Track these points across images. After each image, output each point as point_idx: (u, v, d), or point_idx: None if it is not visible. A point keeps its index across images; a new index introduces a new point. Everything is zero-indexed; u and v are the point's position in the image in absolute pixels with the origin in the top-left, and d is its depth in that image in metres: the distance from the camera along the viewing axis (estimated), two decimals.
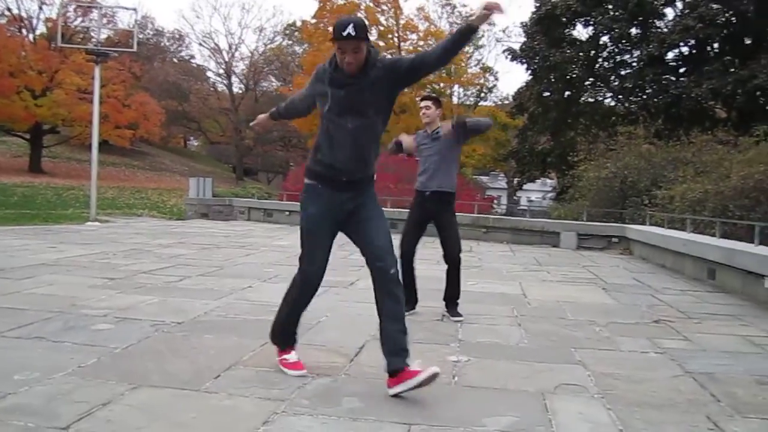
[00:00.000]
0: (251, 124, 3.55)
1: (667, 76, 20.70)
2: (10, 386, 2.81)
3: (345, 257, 8.84)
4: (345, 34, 2.80)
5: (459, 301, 4.98)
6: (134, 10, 16.77)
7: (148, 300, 4.93)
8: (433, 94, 5.06)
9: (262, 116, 3.68)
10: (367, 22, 3.04)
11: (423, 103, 4.98)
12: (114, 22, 28.18)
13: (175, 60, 52.08)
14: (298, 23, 44.09)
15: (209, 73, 53.17)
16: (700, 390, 3.31)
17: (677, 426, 2.78)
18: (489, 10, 2.87)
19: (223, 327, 4.18)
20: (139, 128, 34.42)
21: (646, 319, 5.19)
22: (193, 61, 53.18)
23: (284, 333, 3.36)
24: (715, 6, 18.97)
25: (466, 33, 2.96)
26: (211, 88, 53.18)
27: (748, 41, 20.43)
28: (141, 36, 41.19)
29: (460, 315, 4.86)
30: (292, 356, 3.30)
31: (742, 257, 6.46)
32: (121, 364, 3.26)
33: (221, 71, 51.33)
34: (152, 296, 5.09)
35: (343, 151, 3.06)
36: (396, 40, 30.93)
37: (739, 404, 3.10)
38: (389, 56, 3.24)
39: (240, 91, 51.70)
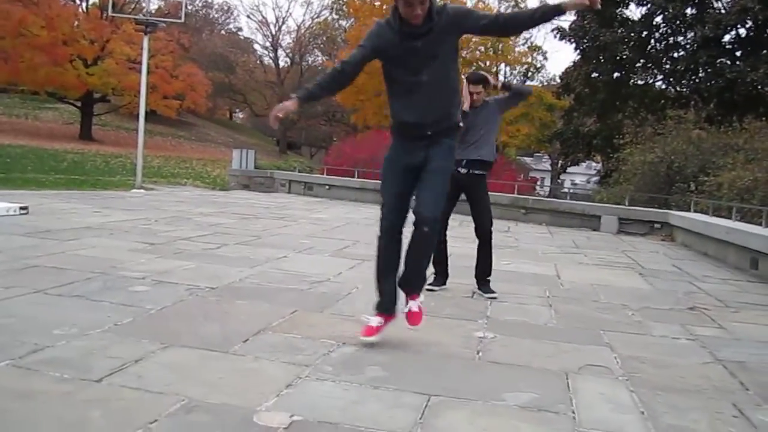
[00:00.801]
0: (272, 114, 3.02)
1: (722, 59, 19.98)
2: (49, 339, 2.94)
3: None
4: None
5: (490, 278, 4.97)
6: None
7: (185, 265, 5.06)
8: (482, 74, 4.98)
9: (286, 104, 3.07)
10: None
11: (474, 88, 4.82)
12: None
13: (223, 32, 52.57)
14: None
15: (256, 46, 53.63)
16: (729, 378, 3.26)
17: (701, 412, 2.75)
18: (583, 3, 2.92)
19: (255, 294, 4.27)
20: (186, 99, 34.97)
21: (681, 305, 5.11)
22: (240, 33, 53.72)
23: (378, 292, 3.36)
24: None
25: (551, 15, 3.04)
26: (258, 61, 53.62)
27: None
28: (190, 7, 41.76)
29: (494, 292, 4.84)
30: (372, 319, 3.32)
31: None
32: (154, 324, 3.37)
33: (268, 44, 51.74)
34: (189, 262, 5.23)
35: (422, 107, 3.12)
36: None
37: (767, 393, 3.04)
38: (446, 3, 3.20)
39: (286, 65, 51.99)
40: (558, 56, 52.74)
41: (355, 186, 15.34)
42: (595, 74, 22.96)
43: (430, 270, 4.60)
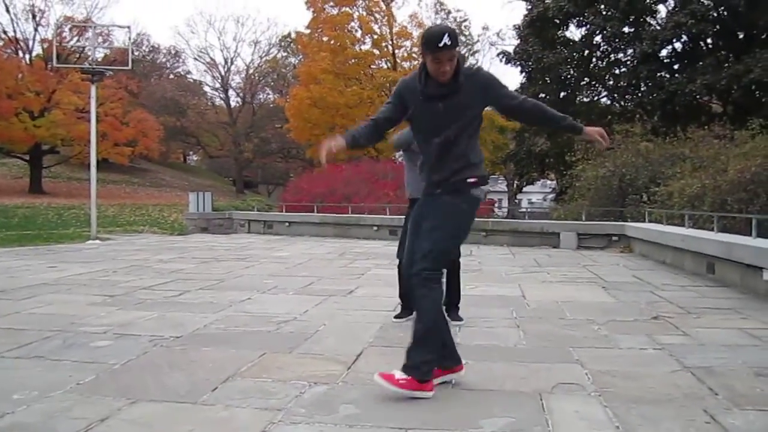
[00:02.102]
0: (323, 150, 3.00)
1: (662, 73, 20.75)
2: (8, 406, 2.82)
3: (345, 266, 8.91)
4: (442, 44, 2.84)
5: (459, 305, 4.99)
6: (128, 28, 16.90)
7: (147, 315, 4.95)
8: None
9: (335, 144, 3.06)
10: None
11: None
12: (109, 41, 28.43)
13: (171, 76, 52.31)
14: (293, 35, 44.25)
15: (206, 88, 53.47)
16: (697, 384, 3.31)
17: (674, 421, 2.78)
18: (597, 139, 3.14)
19: (221, 340, 4.19)
20: (138, 145, 34.60)
21: (645, 315, 5.19)
22: (189, 76, 53.48)
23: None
24: (706, 1, 19.02)
25: (571, 130, 3.21)
26: (209, 103, 53.42)
27: (740, 35, 20.48)
28: (137, 53, 41.38)
29: (461, 319, 4.86)
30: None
31: (741, 250, 6.47)
32: (119, 379, 3.27)
33: (218, 85, 51.65)
34: (151, 311, 5.11)
35: (437, 161, 3.12)
36: (390, 47, 31.03)
37: (736, 397, 3.10)
38: (481, 67, 3.25)
39: (237, 105, 51.92)
40: (504, 79, 53.66)
41: (315, 221, 15.31)
42: (542, 95, 23.51)
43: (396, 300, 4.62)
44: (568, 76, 22.46)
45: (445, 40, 2.84)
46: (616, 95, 22.67)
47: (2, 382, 3.19)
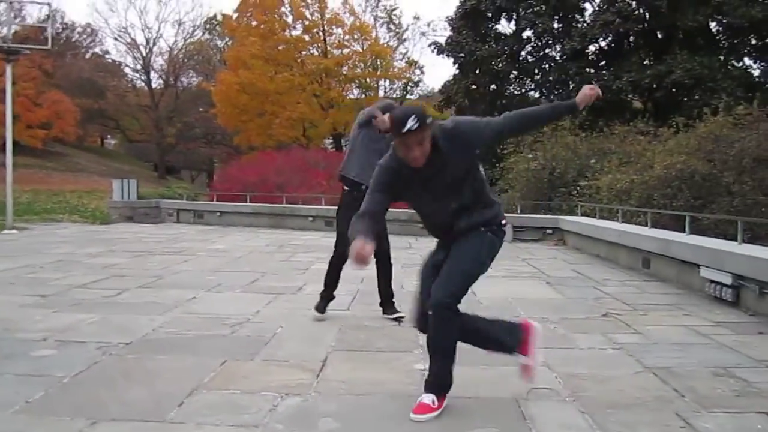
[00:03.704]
0: (359, 258, 2.58)
1: (589, 69, 21.40)
2: None
3: (286, 259, 8.71)
4: (406, 129, 2.57)
5: (394, 300, 4.93)
6: (48, 4, 15.88)
7: (88, 318, 4.63)
8: (391, 97, 4.87)
9: (368, 248, 2.61)
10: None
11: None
12: (22, 17, 26.67)
13: (88, 56, 49.80)
14: (219, 17, 42.99)
15: (126, 69, 51.23)
16: (662, 386, 3.38)
17: (651, 427, 2.82)
18: (591, 100, 2.90)
19: (175, 346, 3.97)
20: (52, 128, 32.79)
21: (595, 312, 5.30)
22: (108, 56, 51.07)
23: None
24: (630, 1, 19.72)
25: (566, 112, 3.01)
26: (129, 85, 51.23)
27: (660, 35, 21.36)
28: (49, 31, 39.13)
29: (398, 311, 4.79)
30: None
31: (678, 247, 6.71)
32: (72, 395, 3.02)
33: (139, 67, 49.55)
34: (92, 314, 4.79)
35: (439, 220, 2.96)
36: (321, 34, 30.63)
37: (701, 399, 3.17)
38: (452, 120, 2.89)
39: (159, 87, 50.02)
40: (434, 70, 54.45)
41: (248, 211, 14.94)
42: (474, 86, 23.84)
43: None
44: (499, 69, 22.81)
45: (411, 124, 2.56)
46: (544, 89, 23.24)
47: None
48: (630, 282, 7.01)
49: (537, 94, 24.21)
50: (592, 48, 21.83)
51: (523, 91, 24.31)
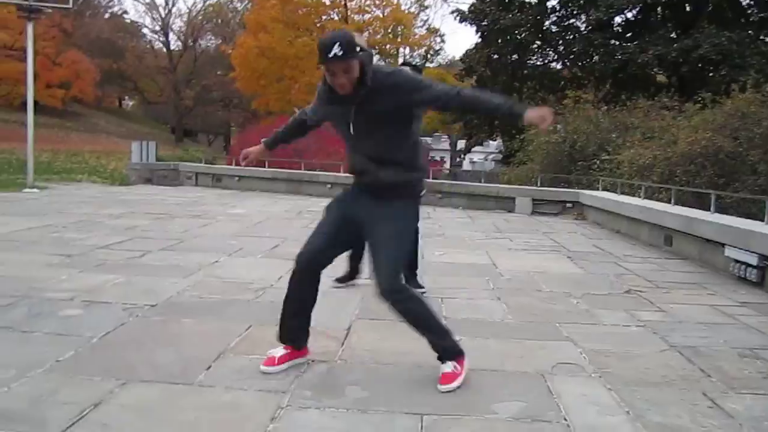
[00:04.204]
0: (242, 160, 3.20)
1: (614, 41, 20.98)
2: None
3: (306, 226, 8.70)
4: (331, 55, 2.52)
5: (418, 271, 4.89)
6: None
7: (112, 279, 4.67)
8: (413, 63, 4.84)
9: (254, 148, 3.21)
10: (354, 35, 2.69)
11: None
12: None
13: (107, 15, 49.65)
14: None
15: (145, 30, 51.13)
16: (689, 365, 3.36)
17: (679, 405, 2.80)
18: (538, 123, 2.70)
19: (200, 309, 3.99)
20: (71, 88, 32.88)
21: (617, 289, 5.27)
22: (126, 16, 50.95)
23: (280, 325, 3.07)
24: None
25: (513, 117, 2.76)
26: (148, 46, 51.11)
27: (688, 8, 20.85)
28: None
29: (422, 287, 4.76)
30: (275, 351, 3.03)
31: (701, 225, 6.62)
32: (102, 356, 3.05)
33: (158, 28, 49.45)
34: (116, 275, 4.83)
35: (357, 157, 2.89)
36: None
37: (728, 379, 3.15)
38: (389, 66, 2.86)
39: (178, 49, 49.89)
40: (454, 38, 53.67)
41: (267, 176, 14.94)
42: (495, 56, 23.49)
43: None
44: (522, 39, 22.42)
45: (335, 50, 2.51)
46: (567, 61, 22.85)
47: None
48: (652, 259, 6.95)
49: (559, 65, 23.83)
50: (618, 19, 21.38)
51: (546, 62, 23.91)
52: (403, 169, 2.85)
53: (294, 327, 3.04)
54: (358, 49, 2.59)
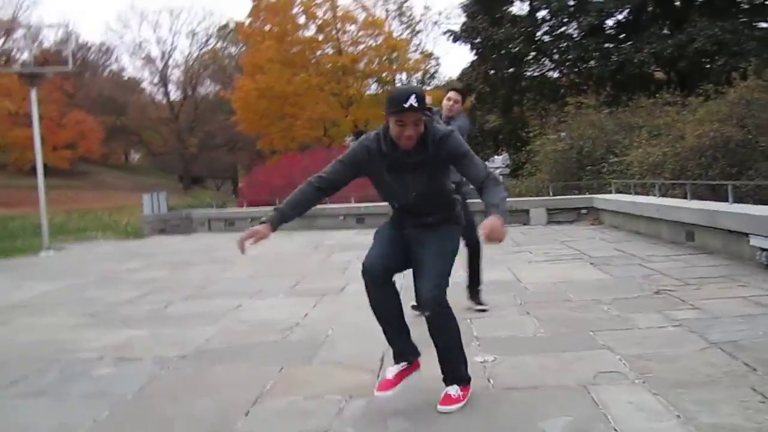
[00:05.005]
0: (241, 241, 2.80)
1: (608, 44, 21.04)
2: None
3: (323, 260, 8.70)
4: (407, 105, 2.56)
5: (480, 288, 4.96)
6: (65, 26, 16.05)
7: (139, 334, 4.65)
8: (459, 85, 5.03)
9: (258, 228, 2.81)
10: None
11: (453, 95, 4.94)
12: (39, 41, 27.04)
13: (106, 73, 50.53)
14: (231, 24, 43.16)
15: (144, 84, 51.84)
16: (732, 361, 3.28)
17: (729, 403, 2.73)
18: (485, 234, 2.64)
19: (230, 355, 3.96)
20: (78, 147, 33.32)
21: (646, 291, 5.19)
22: (125, 72, 51.74)
23: (390, 345, 3.08)
24: None
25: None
26: (149, 99, 51.84)
27: (678, 3, 20.89)
28: (65, 53, 39.69)
29: (484, 304, 4.85)
30: (389, 370, 3.00)
31: (723, 218, 6.55)
32: (138, 412, 3.03)
33: (157, 80, 50.12)
34: (142, 329, 4.81)
35: (402, 207, 2.93)
36: (335, 32, 30.55)
37: None
38: (445, 128, 2.84)
39: (178, 99, 50.52)
40: (448, 59, 54.05)
41: None
42: (492, 71, 23.60)
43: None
44: (517, 52, 22.52)
45: (412, 101, 2.56)
46: (563, 69, 22.91)
47: (9, 428, 2.90)
48: (676, 256, 6.86)
49: (557, 74, 23.89)
50: (609, 22, 21.45)
51: (543, 72, 24.00)
52: (446, 209, 2.93)
53: (399, 342, 3.02)
54: (428, 103, 2.67)
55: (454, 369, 2.93)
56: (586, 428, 2.56)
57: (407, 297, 3.33)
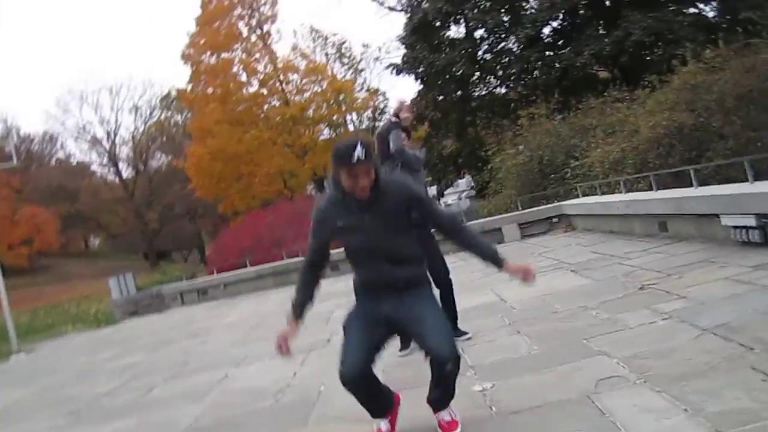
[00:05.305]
0: (280, 346, 2.94)
1: (549, 52, 21.48)
2: None
3: None
4: (355, 159, 2.59)
5: (458, 321, 4.90)
6: (4, 121, 15.77)
7: (125, 425, 4.45)
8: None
9: (285, 330, 2.97)
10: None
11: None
12: None
13: (53, 162, 49.92)
14: (173, 93, 43.08)
15: (94, 166, 51.27)
16: (727, 344, 3.25)
17: (732, 388, 2.70)
18: (524, 276, 2.89)
19: (226, 429, 3.81)
20: (34, 242, 32.56)
21: (631, 288, 5.17)
22: (72, 158, 51.15)
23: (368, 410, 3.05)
24: None
25: (491, 261, 2.87)
26: (100, 180, 51.22)
27: (608, 2, 21.47)
28: (9, 148, 39.15)
29: (466, 333, 4.78)
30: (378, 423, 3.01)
31: (692, 203, 6.60)
32: None
33: (106, 161, 49.59)
34: (128, 419, 4.60)
35: (371, 263, 2.87)
36: (278, 84, 30.72)
37: None
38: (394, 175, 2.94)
39: (131, 176, 50.00)
40: (395, 92, 54.57)
41: (252, 276, 14.71)
42: (440, 97, 23.90)
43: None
44: (460, 74, 22.89)
45: (359, 153, 2.59)
46: (509, 83, 23.32)
47: None
48: (653, 249, 6.87)
49: (504, 89, 24.28)
50: (546, 31, 21.91)
51: (490, 89, 24.40)
52: (414, 264, 2.91)
53: (381, 399, 3.02)
54: (373, 149, 2.74)
55: (447, 400, 2.92)
56: None
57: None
